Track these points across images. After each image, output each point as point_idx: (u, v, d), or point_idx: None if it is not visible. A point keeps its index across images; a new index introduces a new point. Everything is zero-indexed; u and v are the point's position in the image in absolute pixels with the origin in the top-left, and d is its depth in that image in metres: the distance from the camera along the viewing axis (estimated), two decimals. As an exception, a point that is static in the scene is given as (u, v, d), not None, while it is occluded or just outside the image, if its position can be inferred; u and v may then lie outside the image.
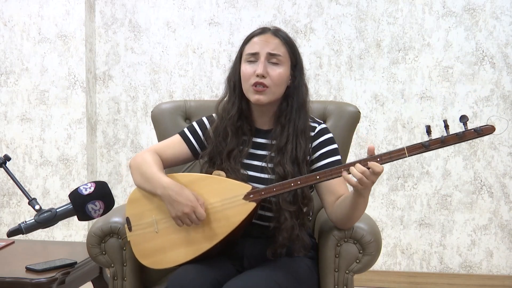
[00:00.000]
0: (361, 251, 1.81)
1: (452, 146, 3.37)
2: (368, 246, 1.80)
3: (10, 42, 3.54)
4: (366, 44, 3.41)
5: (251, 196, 1.71)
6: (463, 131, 1.57)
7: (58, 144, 3.54)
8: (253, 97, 1.80)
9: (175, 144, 1.92)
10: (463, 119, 1.56)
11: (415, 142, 3.54)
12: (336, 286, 1.83)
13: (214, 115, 1.93)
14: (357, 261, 1.82)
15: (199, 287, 1.65)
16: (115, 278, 1.94)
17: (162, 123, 2.32)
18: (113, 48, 3.60)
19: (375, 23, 3.40)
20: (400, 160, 3.41)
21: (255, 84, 1.78)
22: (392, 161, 1.62)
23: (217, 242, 1.72)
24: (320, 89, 3.44)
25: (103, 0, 3.58)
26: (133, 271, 1.94)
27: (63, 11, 3.49)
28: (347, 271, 1.83)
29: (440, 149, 3.36)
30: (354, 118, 2.24)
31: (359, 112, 2.26)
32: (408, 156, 1.61)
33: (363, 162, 1.62)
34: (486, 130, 1.55)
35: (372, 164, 1.60)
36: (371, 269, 1.90)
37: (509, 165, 3.35)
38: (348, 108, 2.26)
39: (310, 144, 1.84)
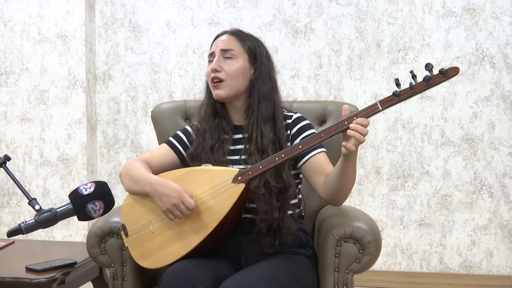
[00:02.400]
0: (361, 251, 1.81)
1: (452, 146, 3.37)
2: (368, 246, 1.80)
3: (10, 42, 3.54)
4: (366, 44, 3.41)
5: (239, 178, 1.73)
6: (430, 76, 1.58)
7: (58, 144, 3.54)
8: (213, 93, 1.90)
9: (162, 152, 1.96)
10: (428, 66, 1.59)
11: (415, 142, 3.55)
12: (336, 286, 1.83)
13: (196, 122, 2.00)
14: (357, 261, 1.82)
15: (196, 280, 1.65)
16: (115, 278, 1.94)
17: (162, 123, 2.32)
18: (113, 48, 3.60)
19: (375, 23, 3.40)
20: (400, 160, 3.41)
21: (212, 80, 1.88)
22: (368, 116, 1.64)
23: (213, 229, 1.73)
24: (320, 89, 3.44)
25: (103, 0, 3.58)
26: (133, 271, 1.94)
27: (63, 11, 3.50)
28: (347, 271, 1.83)
29: (440, 149, 3.38)
30: (354, 118, 2.24)
31: (359, 112, 2.26)
32: (382, 109, 1.63)
33: (341, 122, 1.64)
34: (451, 71, 1.57)
35: (358, 120, 1.62)
36: (371, 269, 1.91)
37: (509, 165, 3.35)
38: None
39: (287, 132, 1.89)
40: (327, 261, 1.84)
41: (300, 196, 1.95)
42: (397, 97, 1.62)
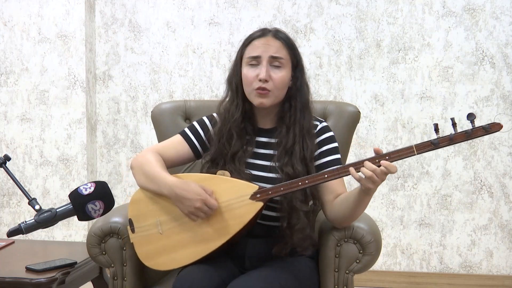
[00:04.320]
0: (361, 251, 1.81)
1: (452, 146, 3.37)
2: (368, 246, 1.80)
3: (10, 42, 3.54)
4: (366, 44, 3.41)
5: (258, 195, 1.70)
6: (472, 129, 1.60)
7: (58, 144, 3.54)
8: (256, 100, 1.81)
9: (176, 144, 1.91)
10: (470, 117, 1.59)
11: (415, 142, 3.54)
12: (336, 286, 1.84)
13: (214, 114, 1.93)
14: (357, 261, 1.82)
15: (206, 285, 1.65)
16: (115, 278, 1.94)
17: (162, 123, 2.32)
18: (113, 48, 3.60)
19: (375, 23, 3.40)
20: (400, 160, 3.41)
21: (258, 88, 1.79)
22: (401, 159, 1.64)
23: (224, 242, 1.72)
24: (320, 89, 3.44)
25: (103, 0, 3.58)
26: (133, 271, 1.94)
27: (63, 11, 3.49)
28: (347, 271, 1.83)
29: (440, 149, 3.37)
30: (354, 118, 2.24)
31: (359, 112, 2.26)
32: (417, 154, 1.63)
33: (372, 160, 1.63)
34: (494, 127, 1.57)
35: (386, 164, 1.61)
36: (371, 269, 1.90)
37: (509, 165, 3.36)
38: (348, 108, 2.26)
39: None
40: (327, 261, 1.84)
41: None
42: (434, 145, 1.62)
